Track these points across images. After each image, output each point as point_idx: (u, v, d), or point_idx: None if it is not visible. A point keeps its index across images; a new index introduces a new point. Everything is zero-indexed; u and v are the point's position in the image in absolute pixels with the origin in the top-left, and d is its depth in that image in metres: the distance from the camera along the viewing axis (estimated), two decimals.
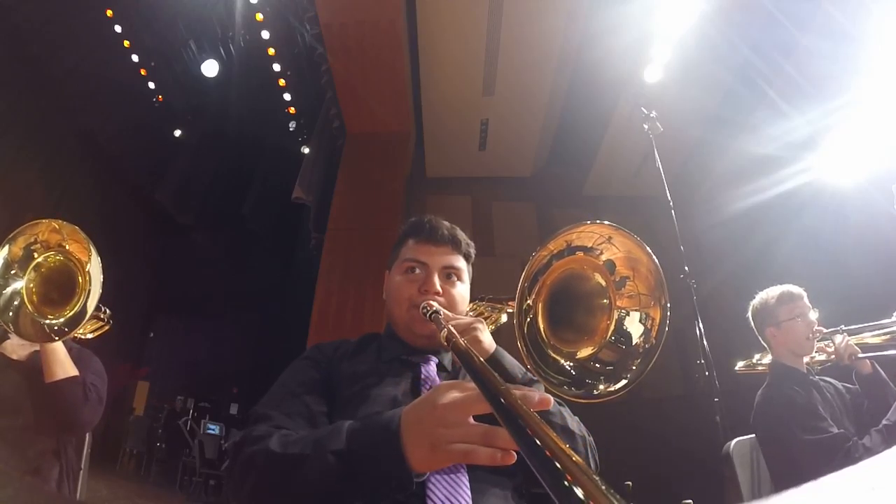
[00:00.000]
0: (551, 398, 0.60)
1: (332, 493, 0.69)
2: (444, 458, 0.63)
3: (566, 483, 0.35)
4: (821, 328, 1.81)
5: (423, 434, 0.63)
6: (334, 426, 0.75)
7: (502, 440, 0.57)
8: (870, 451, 1.52)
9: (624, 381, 0.89)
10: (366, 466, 0.67)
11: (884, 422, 1.59)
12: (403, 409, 0.68)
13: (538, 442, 0.41)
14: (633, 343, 0.92)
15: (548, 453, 0.39)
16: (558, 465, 0.38)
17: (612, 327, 0.93)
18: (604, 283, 0.96)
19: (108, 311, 1.86)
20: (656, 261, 0.91)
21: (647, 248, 0.91)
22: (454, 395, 0.62)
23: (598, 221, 0.90)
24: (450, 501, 0.76)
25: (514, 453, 0.57)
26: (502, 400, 0.50)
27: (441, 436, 0.60)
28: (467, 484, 0.79)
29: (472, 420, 0.61)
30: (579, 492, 0.34)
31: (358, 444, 0.69)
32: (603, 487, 0.34)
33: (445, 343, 0.83)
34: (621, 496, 0.33)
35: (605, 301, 0.95)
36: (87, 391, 1.57)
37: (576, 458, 0.38)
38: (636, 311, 0.93)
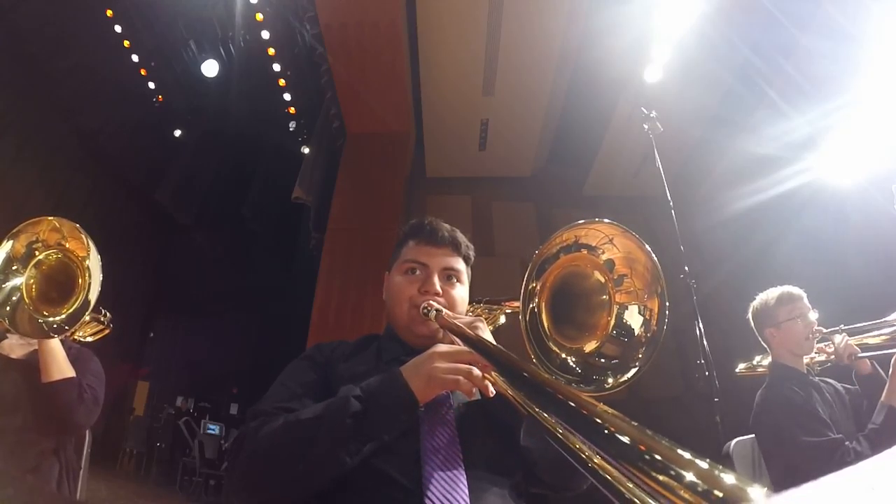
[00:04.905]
0: None
1: (348, 440, 0.76)
2: (437, 386, 0.80)
3: (607, 432, 0.37)
4: (820, 328, 1.81)
5: (421, 371, 0.80)
6: (339, 395, 0.84)
7: (479, 379, 0.77)
8: (860, 456, 1.52)
9: (634, 370, 0.92)
10: (378, 400, 0.80)
11: (869, 426, 1.59)
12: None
13: (571, 403, 0.43)
14: (636, 334, 0.94)
15: (584, 411, 0.41)
16: (597, 419, 0.39)
17: (612, 322, 0.96)
18: (603, 281, 0.98)
19: (108, 314, 1.86)
20: (654, 258, 0.94)
21: (647, 247, 0.94)
22: (445, 346, 0.83)
23: (605, 221, 0.94)
24: (448, 500, 0.76)
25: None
26: (524, 373, 0.53)
27: (435, 369, 0.79)
28: (465, 482, 0.79)
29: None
30: (625, 439, 0.35)
31: (370, 388, 0.82)
32: (648, 432, 0.35)
33: (453, 335, 0.88)
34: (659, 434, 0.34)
35: (604, 297, 0.98)
36: (83, 392, 1.57)
37: (610, 410, 0.40)
38: (634, 304, 0.95)
